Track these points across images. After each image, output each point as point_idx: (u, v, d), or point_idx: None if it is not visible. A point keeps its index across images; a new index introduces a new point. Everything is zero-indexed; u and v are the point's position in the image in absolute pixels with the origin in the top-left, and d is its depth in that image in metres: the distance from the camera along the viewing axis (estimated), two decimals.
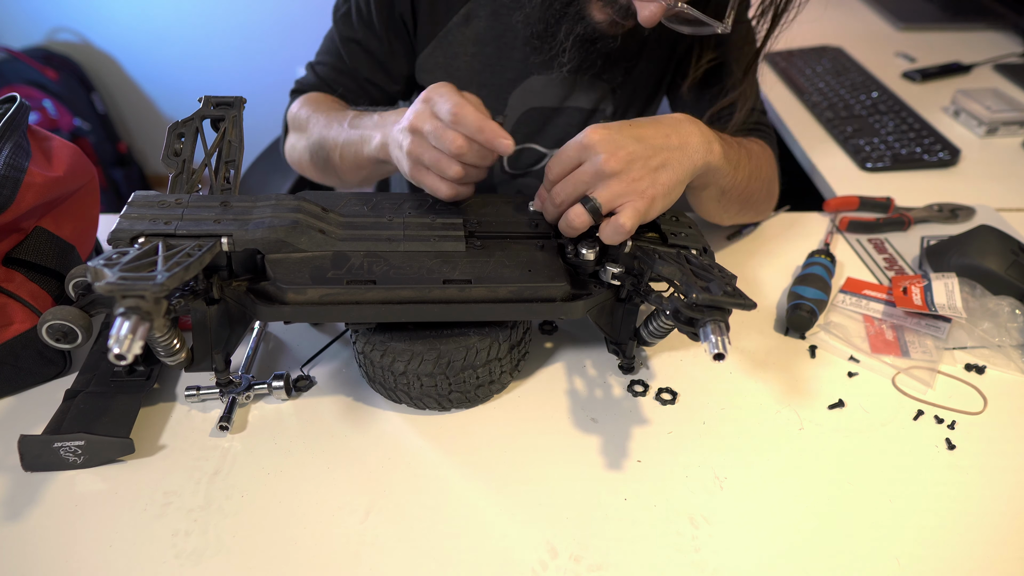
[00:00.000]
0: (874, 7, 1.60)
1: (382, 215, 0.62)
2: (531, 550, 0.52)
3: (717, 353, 0.49)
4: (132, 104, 2.31)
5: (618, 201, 0.56)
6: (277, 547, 0.51)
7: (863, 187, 0.98)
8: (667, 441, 0.60)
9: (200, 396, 0.61)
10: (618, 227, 0.56)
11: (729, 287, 0.52)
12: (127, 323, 0.43)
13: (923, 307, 0.70)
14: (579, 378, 0.66)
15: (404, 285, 0.55)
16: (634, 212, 0.56)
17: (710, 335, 0.50)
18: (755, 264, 0.82)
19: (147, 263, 0.48)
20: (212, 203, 0.57)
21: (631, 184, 0.56)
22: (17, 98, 0.64)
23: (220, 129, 0.65)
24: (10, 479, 0.55)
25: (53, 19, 2.14)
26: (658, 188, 0.57)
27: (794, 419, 0.63)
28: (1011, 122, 1.11)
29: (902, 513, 0.55)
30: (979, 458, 0.59)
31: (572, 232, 0.59)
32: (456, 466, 0.58)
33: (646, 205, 0.56)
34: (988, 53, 1.37)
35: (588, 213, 0.57)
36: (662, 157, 0.58)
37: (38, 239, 0.64)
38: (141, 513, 0.53)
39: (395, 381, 0.60)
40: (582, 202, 0.57)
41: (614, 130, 0.57)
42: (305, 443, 0.59)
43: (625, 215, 0.56)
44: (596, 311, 0.62)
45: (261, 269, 0.57)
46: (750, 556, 0.52)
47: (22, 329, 0.61)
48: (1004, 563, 0.52)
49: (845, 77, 1.27)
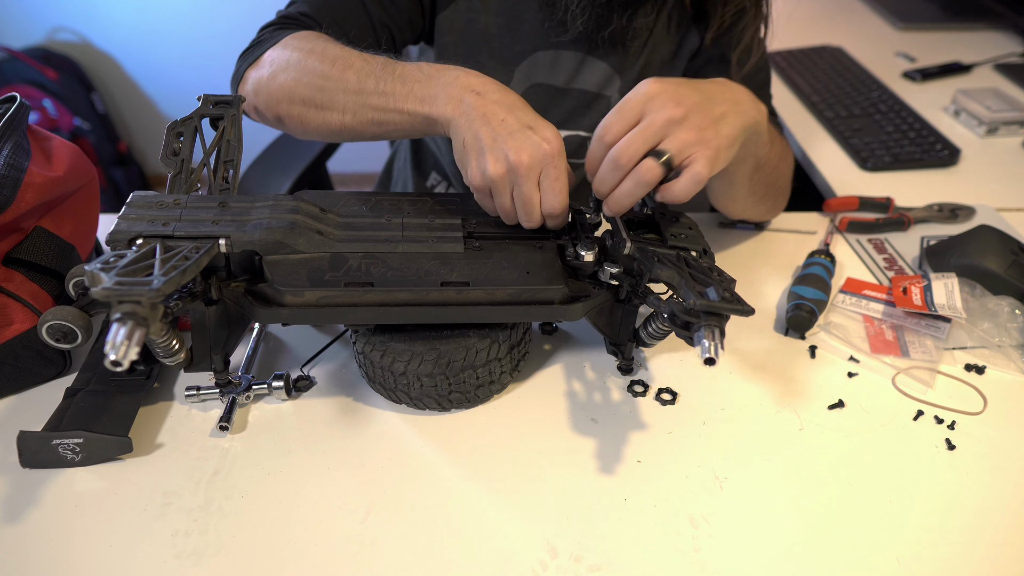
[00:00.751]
0: (874, 7, 1.60)
1: (380, 216, 0.62)
2: (531, 550, 0.52)
3: (708, 358, 0.48)
4: (132, 104, 2.31)
5: (688, 151, 0.55)
6: (277, 547, 0.51)
7: (863, 187, 0.98)
8: (667, 441, 0.60)
9: (200, 396, 0.61)
10: (696, 176, 0.54)
11: (727, 292, 0.52)
12: (123, 329, 0.42)
13: (923, 307, 0.70)
14: (579, 379, 0.66)
15: (402, 287, 0.55)
16: (707, 161, 0.54)
17: (703, 339, 0.49)
18: (755, 264, 0.82)
19: (144, 266, 0.48)
20: (210, 203, 0.57)
21: (700, 133, 0.55)
22: (17, 98, 0.64)
23: (219, 128, 0.65)
24: (9, 478, 0.55)
25: (53, 19, 2.15)
26: (722, 139, 0.56)
27: (794, 419, 0.62)
28: (1011, 122, 1.11)
29: (902, 513, 0.55)
30: (979, 458, 0.59)
31: (639, 193, 0.55)
32: (456, 466, 0.58)
33: (714, 154, 0.55)
34: (988, 53, 1.37)
35: (662, 166, 0.54)
36: (722, 108, 0.57)
37: (38, 239, 0.64)
38: (141, 513, 0.53)
39: (395, 381, 0.60)
40: (653, 155, 0.54)
41: (672, 83, 0.57)
42: (305, 443, 0.59)
43: (700, 164, 0.54)
44: (595, 312, 0.62)
45: (260, 270, 0.57)
46: (750, 556, 0.52)
47: (22, 329, 0.61)
48: (1004, 563, 0.52)
49: (845, 77, 1.27)
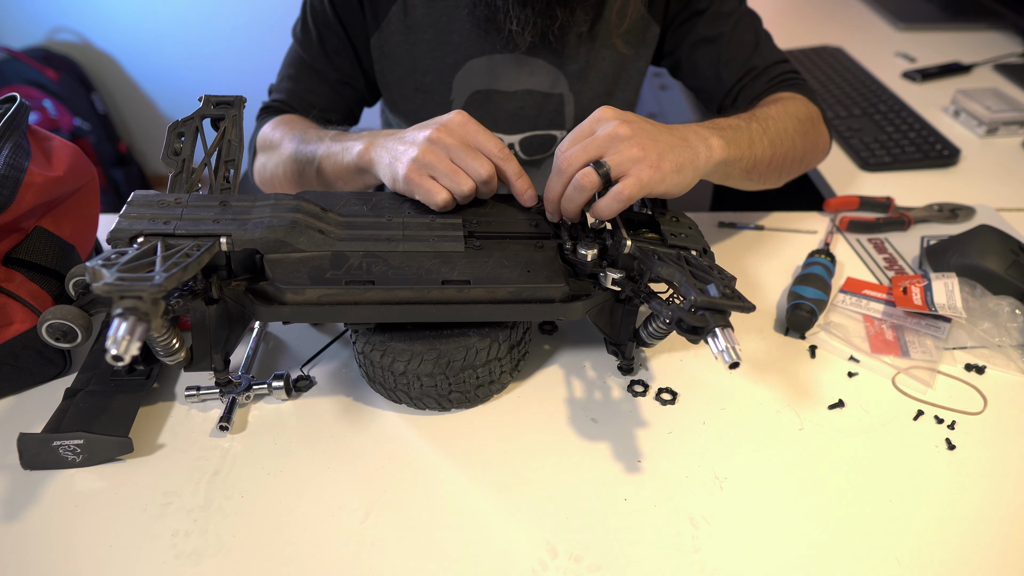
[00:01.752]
0: (874, 7, 1.60)
1: (381, 215, 0.62)
2: (531, 550, 0.52)
3: (733, 362, 0.48)
4: (132, 104, 2.31)
5: (627, 166, 0.56)
6: (277, 547, 0.51)
7: (863, 187, 0.98)
8: (667, 441, 0.60)
9: (200, 396, 0.61)
10: (616, 195, 0.56)
11: (728, 289, 0.52)
12: (124, 324, 0.43)
13: (923, 307, 0.70)
14: (579, 378, 0.66)
15: (402, 286, 0.55)
16: (636, 181, 0.56)
17: (721, 343, 0.48)
18: (755, 264, 0.82)
19: (145, 263, 0.48)
20: (211, 203, 0.57)
21: (642, 151, 0.57)
22: (17, 98, 0.64)
23: (220, 128, 0.65)
24: (9, 478, 0.55)
25: (53, 19, 2.14)
26: (667, 164, 0.57)
27: (794, 419, 0.62)
28: (1011, 122, 1.11)
29: (902, 513, 0.55)
30: (979, 458, 0.59)
31: (578, 198, 0.58)
32: (456, 466, 0.58)
33: (651, 175, 0.56)
34: (988, 53, 1.37)
35: (599, 175, 0.56)
36: (671, 140, 0.59)
37: (38, 239, 0.64)
38: (141, 513, 0.53)
39: (395, 381, 0.60)
40: (593, 166, 0.57)
41: (625, 112, 0.60)
42: (305, 443, 0.59)
43: (630, 181, 0.56)
44: (595, 312, 0.62)
45: (260, 269, 0.57)
46: (750, 556, 0.52)
47: (22, 329, 0.61)
48: (1004, 563, 0.52)
49: (845, 77, 1.27)
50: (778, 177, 0.79)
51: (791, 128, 0.76)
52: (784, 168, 0.78)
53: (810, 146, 0.81)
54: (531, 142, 0.93)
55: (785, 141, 0.75)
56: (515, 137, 0.92)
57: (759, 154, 0.70)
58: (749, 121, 0.71)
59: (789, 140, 0.76)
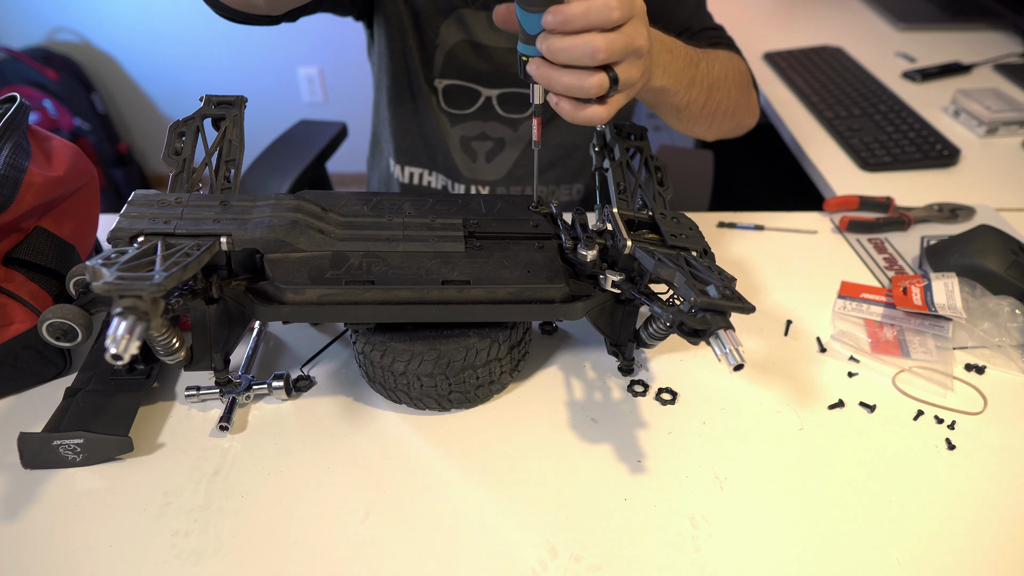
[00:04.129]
0: (874, 7, 1.60)
1: (382, 215, 0.62)
2: (531, 550, 0.52)
3: (737, 364, 0.47)
4: (132, 104, 2.31)
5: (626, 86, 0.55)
6: (277, 547, 0.51)
7: (863, 187, 0.98)
8: (667, 441, 0.60)
9: (200, 396, 0.61)
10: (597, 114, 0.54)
11: (728, 290, 0.52)
12: (124, 323, 0.42)
13: (923, 307, 0.70)
14: (579, 379, 0.66)
15: (403, 286, 0.55)
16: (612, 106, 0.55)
17: (724, 346, 0.48)
18: (755, 264, 0.82)
19: (145, 262, 0.48)
20: (212, 202, 0.57)
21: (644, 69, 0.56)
22: (17, 98, 0.64)
23: (221, 128, 0.65)
24: (9, 477, 0.55)
25: (53, 19, 2.15)
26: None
27: (794, 419, 0.62)
28: (1011, 122, 1.11)
29: (902, 513, 0.55)
30: (979, 458, 0.59)
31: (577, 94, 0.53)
32: (456, 466, 0.58)
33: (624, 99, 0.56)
34: (988, 53, 1.37)
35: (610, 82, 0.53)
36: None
37: (38, 239, 0.64)
38: (141, 513, 0.53)
39: (395, 381, 0.60)
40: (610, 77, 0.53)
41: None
42: (305, 443, 0.59)
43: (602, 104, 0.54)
44: (596, 313, 0.62)
45: (260, 269, 0.57)
46: (750, 556, 0.52)
47: (22, 329, 0.61)
48: (1004, 563, 0.52)
49: (845, 77, 1.27)
50: (708, 125, 0.79)
51: (730, 78, 0.78)
52: (716, 117, 0.79)
53: (743, 100, 0.83)
54: (508, 98, 0.94)
55: (722, 88, 0.76)
56: (494, 91, 0.93)
57: (693, 96, 0.71)
58: (695, 62, 0.71)
59: (726, 88, 0.77)
